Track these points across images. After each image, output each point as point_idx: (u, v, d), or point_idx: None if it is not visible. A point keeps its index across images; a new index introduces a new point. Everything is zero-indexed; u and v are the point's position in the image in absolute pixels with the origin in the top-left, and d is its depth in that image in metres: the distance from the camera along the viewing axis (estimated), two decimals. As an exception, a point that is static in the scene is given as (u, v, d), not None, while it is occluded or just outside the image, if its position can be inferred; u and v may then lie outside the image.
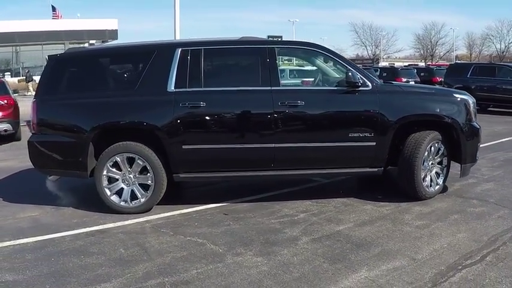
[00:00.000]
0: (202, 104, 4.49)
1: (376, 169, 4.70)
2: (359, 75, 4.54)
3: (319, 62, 4.93)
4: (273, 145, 4.55)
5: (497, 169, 5.87)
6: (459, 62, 37.31)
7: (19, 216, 4.68)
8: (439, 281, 2.96)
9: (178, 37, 10.33)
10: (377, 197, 4.89)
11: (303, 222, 4.20)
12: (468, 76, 13.35)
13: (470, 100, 4.81)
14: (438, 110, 4.62)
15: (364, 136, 4.56)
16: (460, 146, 4.62)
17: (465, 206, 4.47)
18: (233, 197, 5.00)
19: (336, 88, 4.65)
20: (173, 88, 4.55)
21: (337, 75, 4.86)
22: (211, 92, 4.56)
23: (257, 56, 4.63)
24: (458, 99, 4.77)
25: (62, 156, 4.70)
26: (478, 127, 4.76)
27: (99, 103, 4.62)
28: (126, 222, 4.36)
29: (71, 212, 4.78)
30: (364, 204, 4.68)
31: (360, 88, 4.56)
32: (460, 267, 3.15)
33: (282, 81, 4.71)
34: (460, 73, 13.89)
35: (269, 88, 4.54)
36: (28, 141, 4.77)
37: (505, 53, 59.07)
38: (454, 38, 61.69)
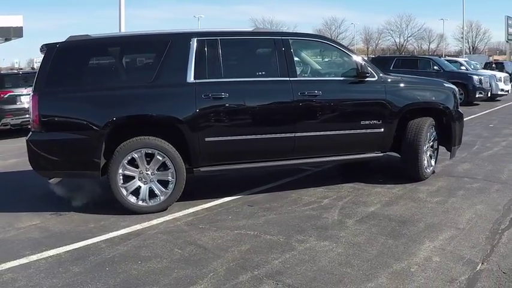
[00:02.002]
0: (224, 95, 4.41)
1: (381, 154, 5.09)
2: (368, 66, 4.86)
3: (329, 53, 5.14)
4: (293, 134, 4.66)
5: (462, 151, 6.67)
6: (382, 55, 39.51)
7: (19, 226, 4.14)
8: (495, 242, 3.42)
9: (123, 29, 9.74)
10: (378, 180, 5.29)
11: (333, 207, 4.39)
12: (391, 68, 14.74)
13: (456, 89, 5.47)
14: (434, 98, 5.17)
15: (373, 123, 4.91)
16: (450, 130, 5.22)
17: (462, 183, 5.09)
18: (241, 189, 5.00)
19: (346, 78, 4.91)
20: (193, 79, 4.39)
21: (335, 67, 5.13)
22: (232, 83, 4.50)
23: (273, 47, 4.68)
24: (448, 88, 5.39)
25: (69, 155, 4.25)
26: (462, 113, 5.43)
27: (114, 96, 4.27)
28: (154, 222, 4.13)
29: (77, 216, 4.36)
30: (373, 188, 5.04)
31: (368, 78, 4.89)
32: (500, 230, 3.66)
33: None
34: (383, 65, 15.26)
35: (288, 79, 4.63)
36: (28, 141, 4.22)
37: (404, 46, 65.42)
38: (355, 32, 66.97)
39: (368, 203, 4.52)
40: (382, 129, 4.95)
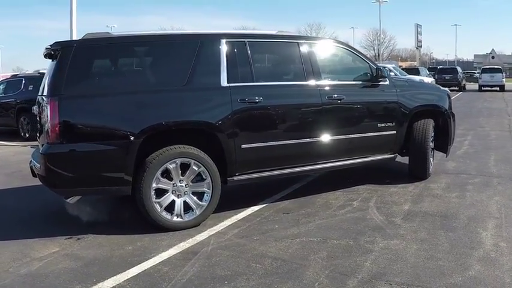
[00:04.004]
0: (259, 99, 4.31)
1: (392, 155, 5.38)
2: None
3: (346, 58, 5.31)
4: (322, 139, 4.71)
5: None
6: None
7: (38, 255, 3.60)
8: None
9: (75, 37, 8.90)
10: (386, 181, 5.57)
11: (368, 209, 4.52)
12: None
13: (449, 91, 6.02)
14: (436, 100, 5.62)
15: (388, 126, 5.19)
16: (448, 130, 5.71)
17: (464, 179, 5.58)
18: (260, 198, 4.90)
19: (364, 82, 5.12)
20: (226, 82, 4.22)
21: (352, 71, 5.33)
22: (265, 87, 4.43)
23: (298, 51, 4.70)
24: (443, 91, 5.91)
25: (96, 169, 3.80)
26: (454, 114, 5.99)
27: (147, 100, 3.92)
28: (199, 239, 3.86)
29: (102, 239, 3.91)
30: (387, 188, 5.29)
31: (381, 82, 5.17)
32: (534, 216, 4.13)
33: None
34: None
35: (314, 82, 4.69)
36: (44, 155, 3.66)
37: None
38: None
39: (397, 202, 4.74)
40: (395, 131, 5.24)
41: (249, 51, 4.42)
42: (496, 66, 30.99)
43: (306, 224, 4.12)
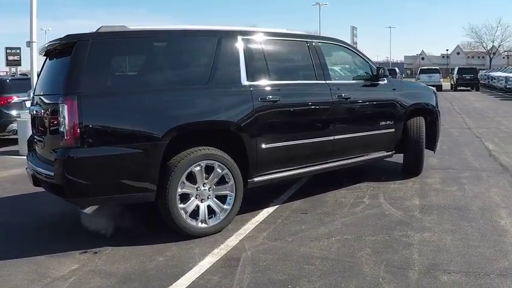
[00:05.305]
0: (278, 97, 4.30)
1: (390, 152, 5.61)
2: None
3: (348, 57, 5.44)
4: (332, 137, 4.80)
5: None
6: None
7: (58, 274, 3.31)
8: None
9: (35, 39, 8.21)
10: (381, 178, 5.79)
11: (382, 205, 4.67)
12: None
13: (435, 90, 6.39)
14: (426, 99, 5.94)
15: (388, 124, 5.40)
16: (436, 127, 6.06)
17: (454, 174, 5.93)
18: (268, 199, 4.88)
19: (367, 81, 5.29)
20: (246, 81, 4.15)
21: (355, 70, 5.50)
22: (283, 85, 4.42)
23: (308, 49, 4.76)
24: (431, 89, 6.25)
25: (120, 175, 3.55)
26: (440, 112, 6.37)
27: (173, 99, 3.75)
28: (231, 244, 3.76)
29: (124, 251, 3.69)
30: (388, 184, 5.49)
31: (380, 82, 5.38)
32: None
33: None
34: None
35: (325, 81, 4.77)
36: (62, 161, 3.34)
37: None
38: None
39: (404, 197, 4.94)
40: (394, 129, 5.47)
41: (264, 49, 4.40)
42: (433, 67, 33.48)
43: (331, 223, 4.16)
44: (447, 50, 72.95)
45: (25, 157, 8.24)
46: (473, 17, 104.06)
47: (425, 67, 34.19)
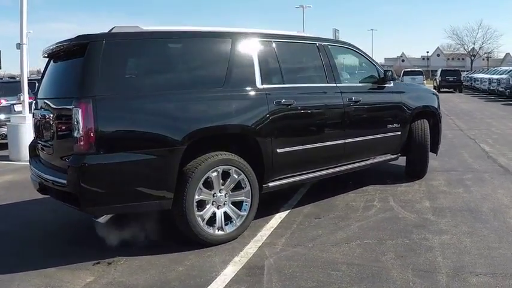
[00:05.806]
0: (292, 101, 4.28)
1: (395, 155, 5.65)
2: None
3: (356, 60, 5.46)
4: (343, 141, 4.81)
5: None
6: None
7: (77, 287, 3.14)
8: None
9: (25, 41, 7.97)
10: (386, 181, 5.83)
11: (394, 208, 4.69)
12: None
13: (437, 93, 6.47)
14: (430, 102, 6.00)
15: (395, 127, 5.45)
16: (438, 129, 6.14)
17: (457, 176, 6.02)
18: (276, 204, 4.85)
19: (374, 84, 5.32)
20: (261, 84, 4.12)
21: (363, 73, 5.53)
22: (296, 89, 4.41)
23: (318, 52, 4.76)
24: (434, 92, 6.33)
25: (137, 182, 3.46)
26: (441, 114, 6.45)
27: (191, 102, 3.69)
28: (251, 251, 3.72)
29: (140, 261, 3.59)
30: (394, 187, 5.53)
31: (387, 85, 5.42)
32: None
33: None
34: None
35: (335, 85, 4.78)
36: (77, 168, 3.23)
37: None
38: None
39: (414, 200, 4.97)
40: (400, 132, 5.51)
41: (276, 52, 4.37)
42: (417, 69, 34.05)
43: (348, 228, 4.16)
44: (428, 52, 74.37)
45: (16, 162, 8.19)
46: (453, 20, 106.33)
47: (409, 69, 34.73)
